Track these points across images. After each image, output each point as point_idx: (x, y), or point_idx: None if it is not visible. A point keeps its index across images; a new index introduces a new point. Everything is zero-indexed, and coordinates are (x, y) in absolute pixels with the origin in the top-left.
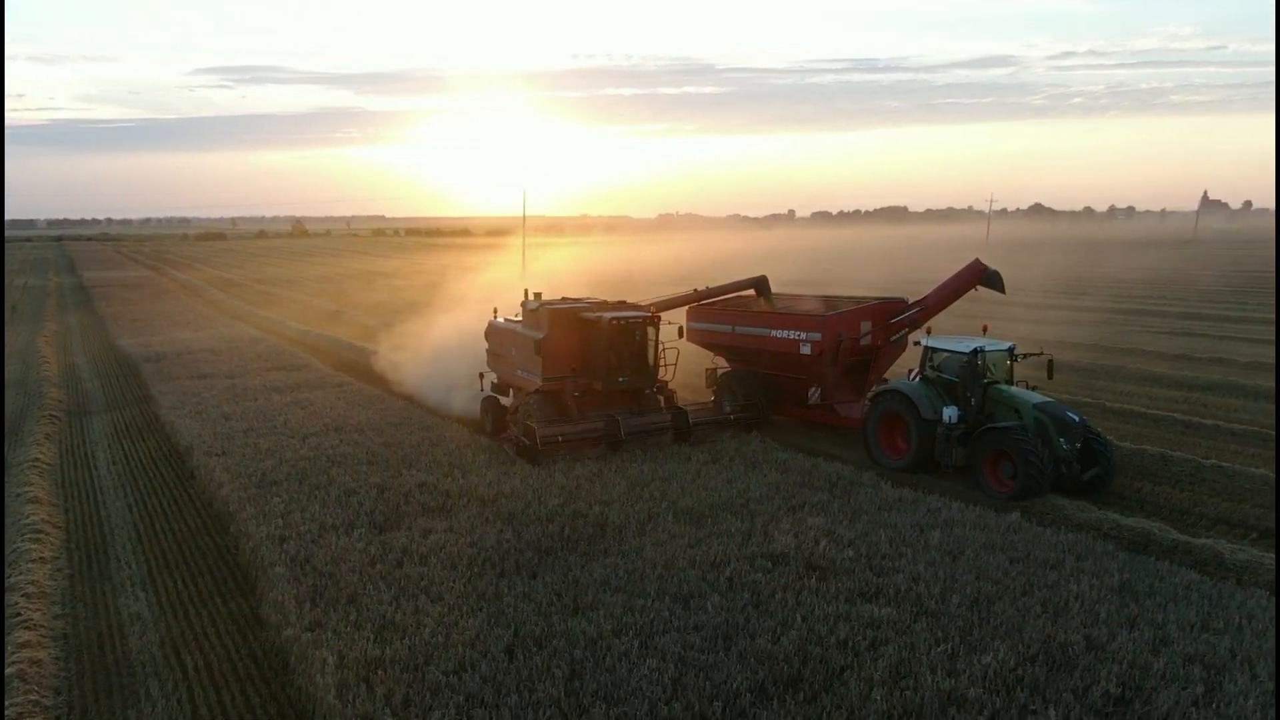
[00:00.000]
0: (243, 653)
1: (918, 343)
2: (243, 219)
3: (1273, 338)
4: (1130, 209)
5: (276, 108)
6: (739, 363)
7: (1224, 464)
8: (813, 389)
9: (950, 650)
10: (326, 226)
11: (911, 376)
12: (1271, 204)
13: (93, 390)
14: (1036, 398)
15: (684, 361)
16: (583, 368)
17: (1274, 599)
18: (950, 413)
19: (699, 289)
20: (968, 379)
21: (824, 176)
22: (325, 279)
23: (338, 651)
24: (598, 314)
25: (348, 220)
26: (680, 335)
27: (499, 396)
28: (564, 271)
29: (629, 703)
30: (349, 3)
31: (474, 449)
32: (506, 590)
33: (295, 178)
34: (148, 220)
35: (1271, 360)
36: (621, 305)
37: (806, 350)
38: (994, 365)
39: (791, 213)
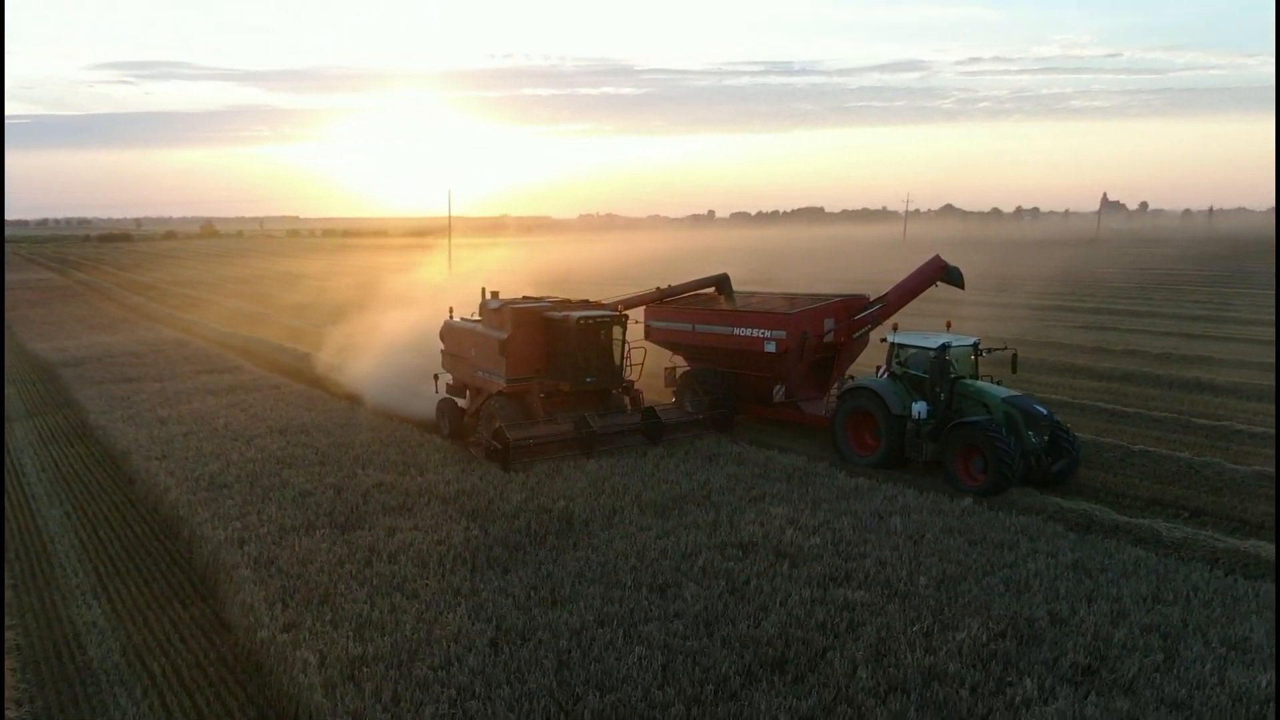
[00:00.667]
0: (211, 657)
1: (884, 339)
2: (148, 219)
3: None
4: (1035, 210)
5: (183, 105)
6: (699, 361)
7: (1150, 449)
8: (777, 387)
9: (925, 629)
10: (238, 227)
11: (880, 373)
12: (1167, 205)
13: (9, 396)
14: (1004, 392)
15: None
16: (548, 368)
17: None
18: (920, 408)
19: (661, 287)
20: (937, 374)
21: (742, 177)
22: (243, 280)
23: (318, 651)
24: (564, 313)
25: (260, 221)
26: (646, 335)
27: (455, 399)
28: (496, 272)
29: (621, 690)
30: None
31: (428, 448)
32: (482, 585)
33: (203, 177)
34: (44, 221)
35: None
36: (585, 304)
37: (771, 348)
38: (959, 360)
39: (711, 213)
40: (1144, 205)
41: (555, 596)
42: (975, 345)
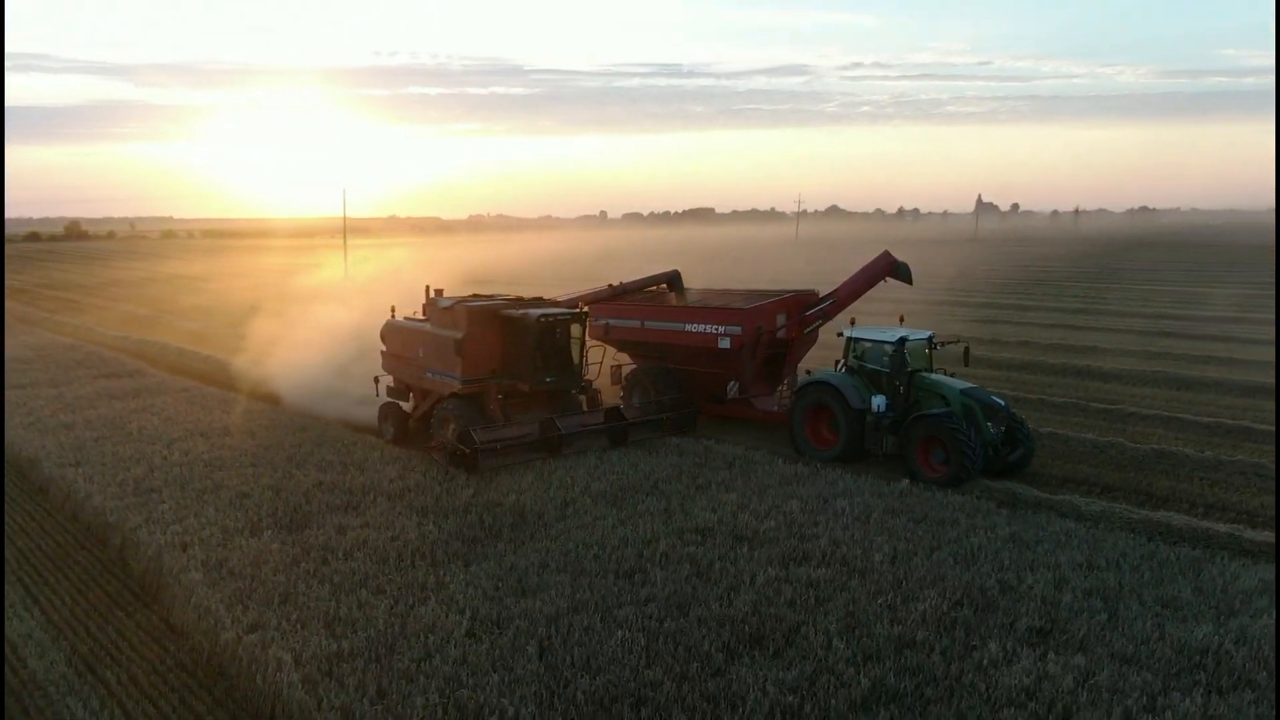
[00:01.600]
0: (168, 663)
1: (840, 334)
2: (7, 219)
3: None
4: (916, 211)
5: (44, 99)
6: (648, 359)
7: (1057, 431)
8: (731, 383)
9: (889, 601)
10: (108, 228)
11: (838, 368)
12: (1036, 206)
13: None
14: (961, 384)
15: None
16: (504, 369)
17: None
18: (879, 402)
19: (614, 284)
20: (897, 368)
21: (633, 178)
22: (127, 284)
23: (291, 649)
24: (523, 311)
25: (131, 221)
26: (588, 333)
27: (399, 402)
28: (400, 272)
29: (609, 671)
30: None
31: (362, 447)
32: (448, 579)
33: (68, 175)
34: None
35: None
36: (540, 302)
37: (725, 344)
38: (914, 354)
39: (603, 214)
40: (1015, 206)
41: (524, 586)
42: (930, 339)
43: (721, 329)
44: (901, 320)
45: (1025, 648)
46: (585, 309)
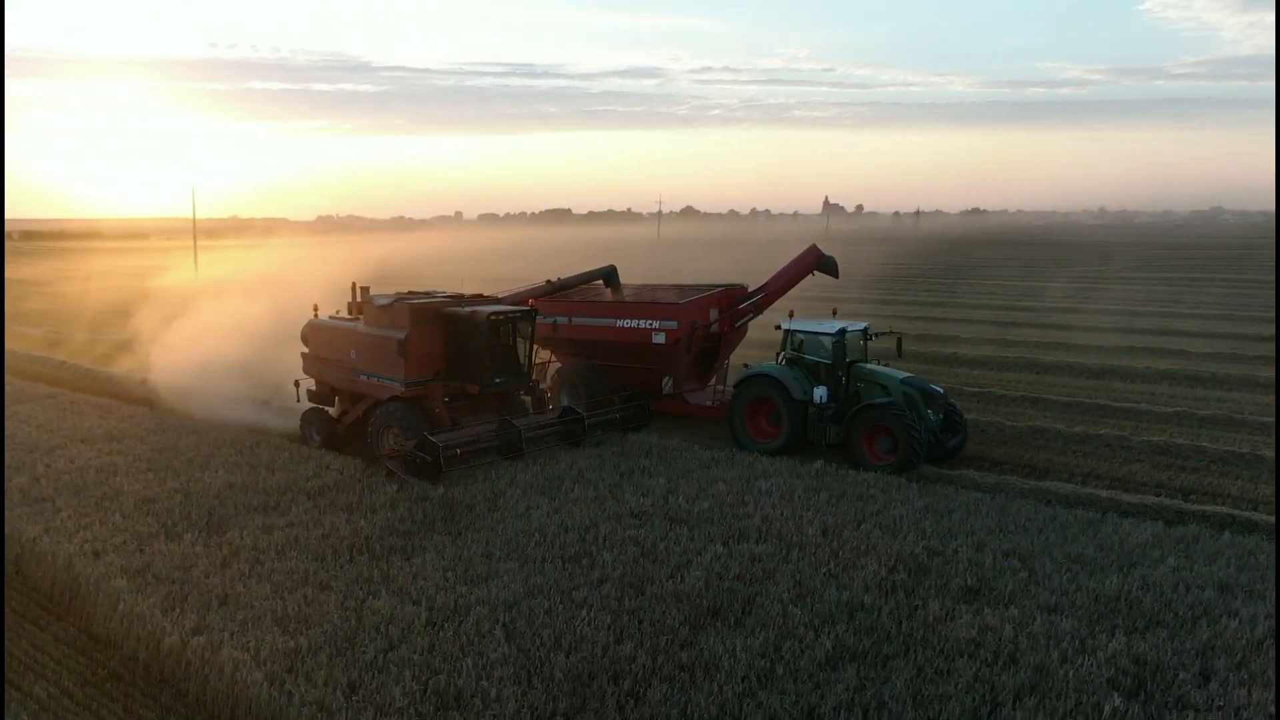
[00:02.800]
0: (100, 673)
1: (778, 326)
2: None
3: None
4: (767, 211)
5: None
6: (577, 356)
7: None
8: (666, 379)
9: (831, 570)
10: None
11: (780, 360)
12: (879, 208)
13: None
14: (900, 374)
15: None
16: (448, 369)
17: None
18: (820, 393)
19: (551, 280)
20: (838, 359)
21: (489, 179)
22: None
23: (246, 649)
24: (471, 309)
25: None
26: (555, 330)
27: (324, 407)
28: (261, 273)
29: (583, 649)
30: None
31: (266, 448)
32: (393, 572)
33: None
34: None
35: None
36: (481, 299)
37: (660, 339)
38: (850, 345)
39: (459, 214)
40: (860, 208)
41: (473, 575)
42: (865, 330)
43: (656, 324)
44: (834, 313)
45: (962, 605)
46: (534, 306)
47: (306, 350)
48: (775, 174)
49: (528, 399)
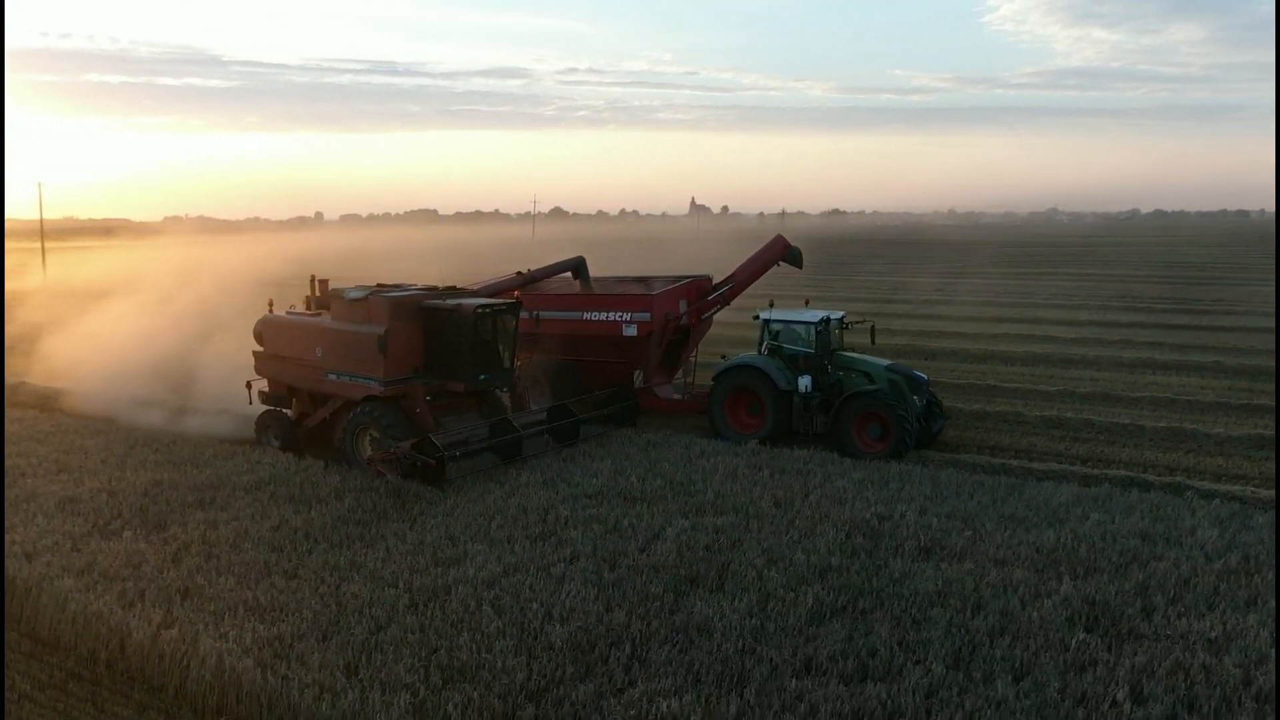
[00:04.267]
0: (59, 675)
1: (756, 317)
2: None
3: None
4: (636, 212)
5: None
6: (541, 352)
7: None
8: (637, 372)
9: (794, 537)
10: None
11: (763, 350)
12: (750, 209)
13: None
14: (883, 361)
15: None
16: (428, 366)
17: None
18: (805, 382)
19: (522, 271)
20: (823, 348)
21: (350, 178)
22: None
23: (227, 638)
24: (455, 302)
25: None
26: (537, 324)
27: (282, 409)
28: (117, 276)
29: (575, 619)
30: None
31: (182, 445)
32: (361, 558)
33: None
34: None
35: None
36: (454, 291)
37: (632, 331)
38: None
39: (319, 215)
40: (725, 209)
41: (443, 558)
42: (841, 319)
43: (627, 316)
44: (807, 303)
45: (920, 562)
46: (518, 299)
47: (260, 349)
48: (642, 175)
49: (504, 397)
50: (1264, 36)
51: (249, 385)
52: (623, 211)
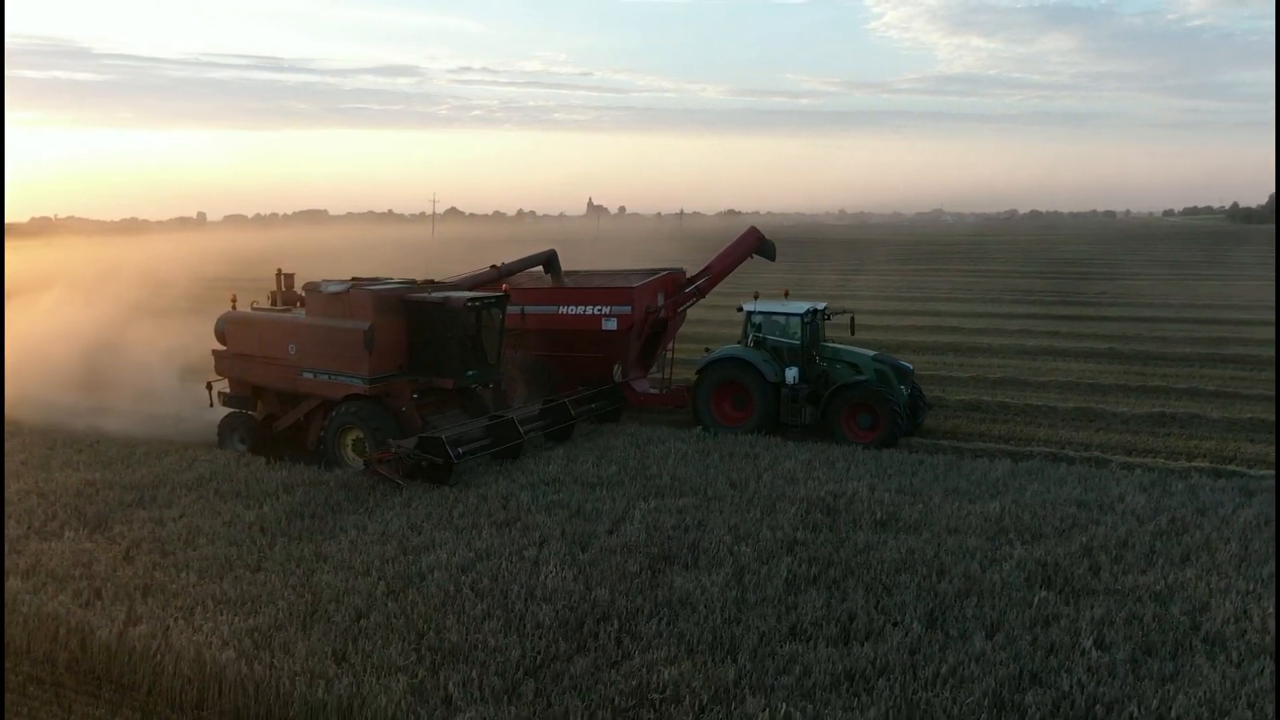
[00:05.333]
0: (14, 680)
1: (740, 309)
2: None
3: None
4: (533, 212)
5: None
6: (515, 348)
7: None
8: (616, 366)
9: (756, 515)
10: None
11: (748, 343)
12: (647, 210)
13: None
14: (869, 351)
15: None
16: (412, 363)
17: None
18: (793, 374)
19: (496, 265)
20: (810, 339)
21: (233, 178)
22: None
23: (203, 632)
24: (444, 295)
25: None
26: (523, 318)
27: (247, 411)
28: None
29: (559, 598)
30: None
31: (109, 444)
32: (326, 550)
33: None
34: None
35: None
36: (433, 284)
37: (611, 325)
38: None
39: (202, 215)
40: (622, 209)
41: (411, 546)
42: (823, 310)
43: (607, 309)
44: (786, 294)
45: (880, 534)
46: (508, 291)
47: (223, 348)
48: (539, 175)
49: (485, 393)
50: (1127, 47)
51: (209, 386)
52: (520, 212)
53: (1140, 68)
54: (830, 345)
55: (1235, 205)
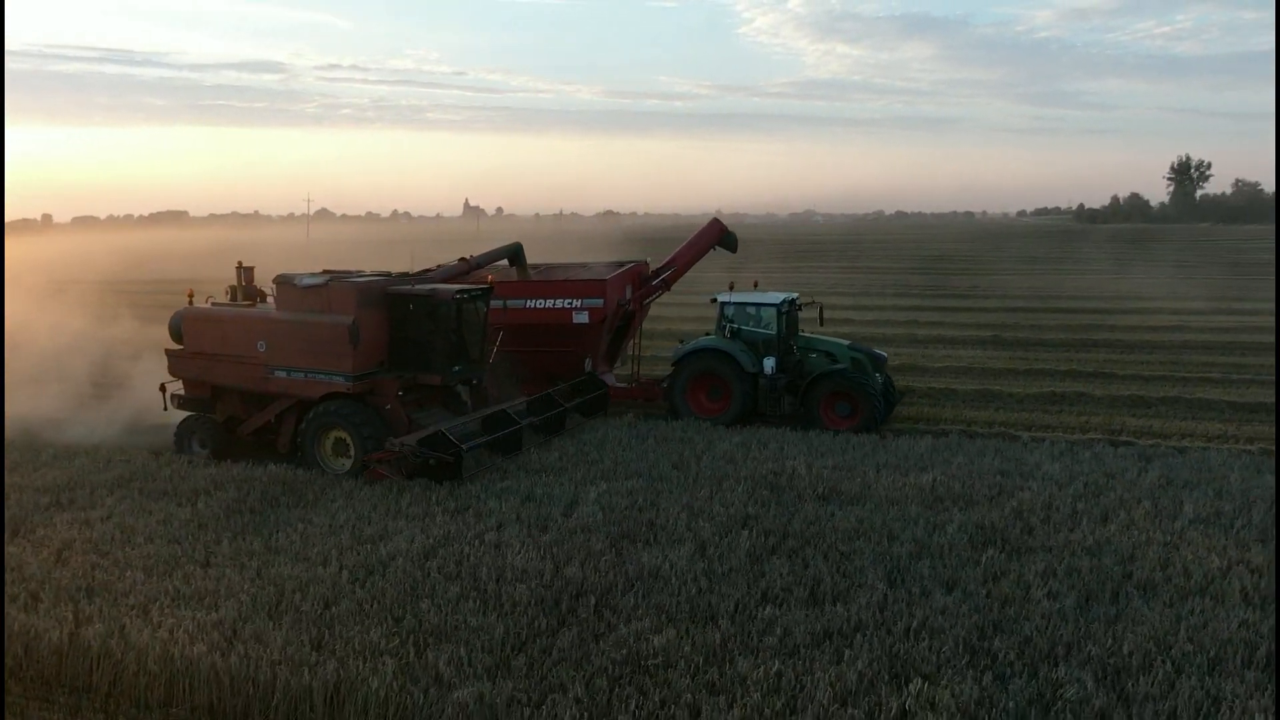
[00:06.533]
0: None
1: (713, 300)
2: None
3: None
4: (408, 213)
5: None
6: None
7: None
8: (587, 360)
9: (707, 493)
10: None
11: (726, 334)
12: (525, 211)
13: None
14: (844, 341)
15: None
16: (394, 358)
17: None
18: (770, 364)
19: (466, 258)
20: (787, 329)
21: (83, 178)
22: None
23: (163, 628)
24: (430, 287)
25: None
26: (505, 311)
27: (207, 414)
28: None
29: (531, 578)
30: None
31: (14, 450)
32: (277, 543)
33: None
34: None
35: None
36: (419, 277)
37: (583, 318)
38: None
39: (47, 217)
40: (500, 210)
41: (366, 536)
42: (795, 301)
43: (578, 302)
44: (755, 285)
45: (827, 506)
46: (493, 284)
47: (180, 347)
48: (413, 176)
49: (464, 391)
50: (981, 56)
51: (163, 389)
52: (395, 213)
53: (993, 76)
54: (805, 335)
55: (1081, 206)
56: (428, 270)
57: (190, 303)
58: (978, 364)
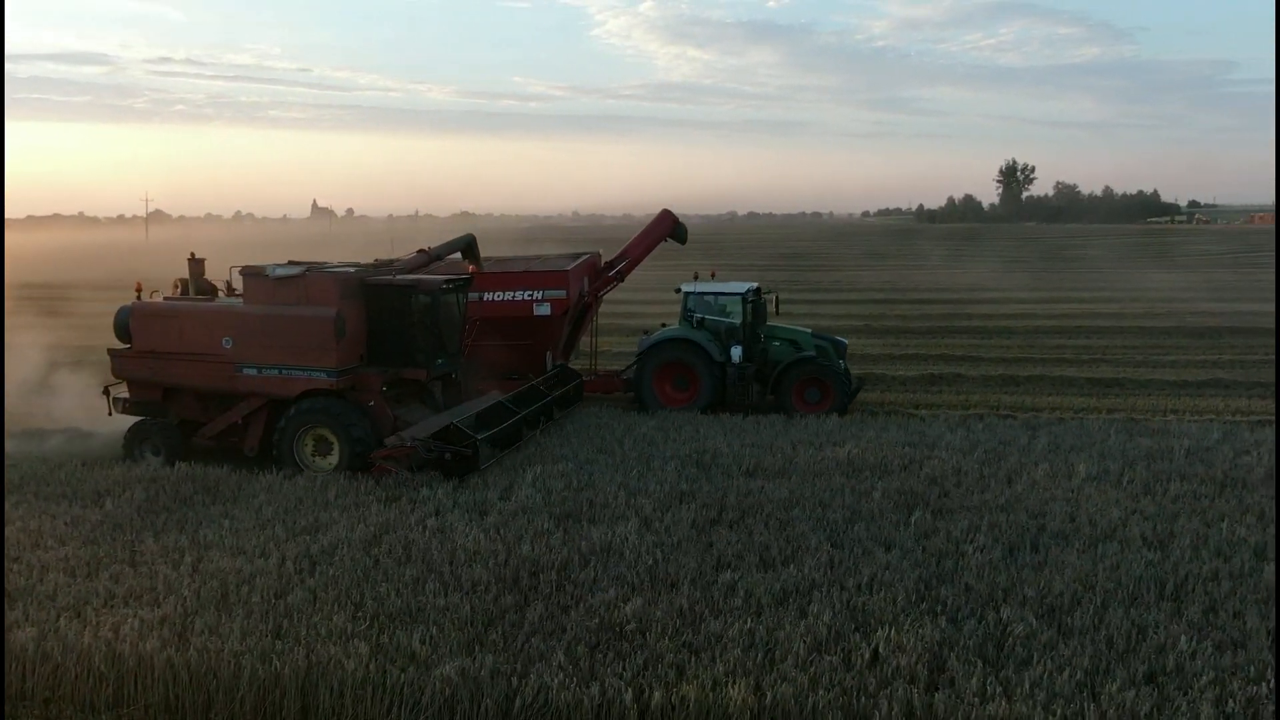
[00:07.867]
0: None
1: (678, 290)
2: None
3: None
4: (251, 214)
5: None
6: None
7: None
8: (549, 353)
9: (639, 472)
10: None
11: (694, 323)
12: (378, 212)
13: None
14: (806, 329)
15: None
16: (374, 352)
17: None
18: (737, 353)
19: (424, 249)
20: (753, 318)
21: None
22: None
23: (106, 627)
24: (414, 278)
25: None
26: (481, 303)
27: (160, 417)
28: None
29: (485, 559)
30: None
31: None
32: (209, 537)
33: None
34: None
35: None
36: (388, 267)
37: (544, 311)
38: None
39: None
40: (350, 211)
41: (300, 527)
42: (759, 290)
43: (539, 294)
44: (713, 275)
45: (755, 480)
46: (474, 274)
47: (127, 345)
48: (256, 175)
49: (435, 385)
50: (823, 62)
51: (107, 392)
52: (238, 214)
53: (835, 82)
54: (769, 325)
55: (921, 207)
56: (393, 261)
57: (139, 297)
58: (856, 351)
